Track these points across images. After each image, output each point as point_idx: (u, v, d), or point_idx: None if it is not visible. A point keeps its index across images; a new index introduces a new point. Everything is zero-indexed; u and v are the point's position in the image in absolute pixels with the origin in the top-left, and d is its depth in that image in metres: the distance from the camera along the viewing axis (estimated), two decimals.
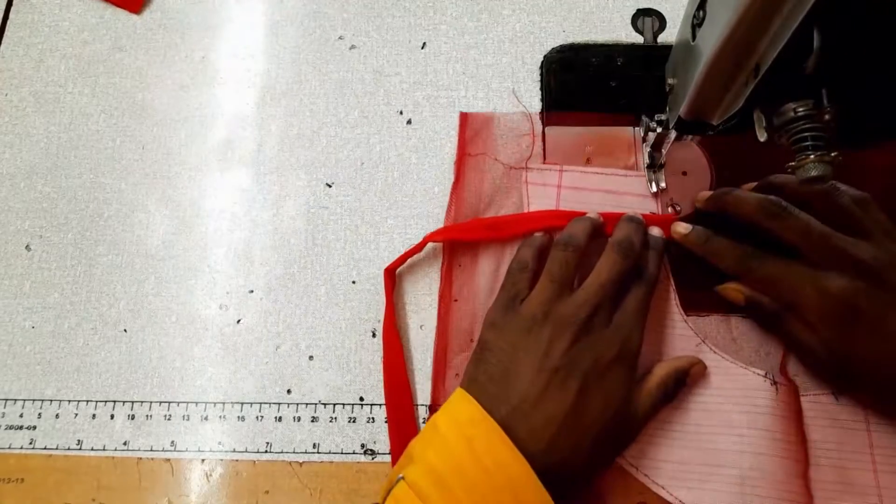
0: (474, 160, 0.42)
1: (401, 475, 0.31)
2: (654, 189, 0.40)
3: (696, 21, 0.28)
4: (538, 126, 0.43)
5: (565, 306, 0.34)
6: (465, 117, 0.43)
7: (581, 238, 0.37)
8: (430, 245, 0.40)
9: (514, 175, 0.42)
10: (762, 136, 0.28)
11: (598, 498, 0.36)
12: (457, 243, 0.41)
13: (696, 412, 0.36)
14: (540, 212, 0.40)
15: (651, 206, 0.40)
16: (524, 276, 0.37)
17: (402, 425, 0.37)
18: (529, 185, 0.41)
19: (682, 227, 0.39)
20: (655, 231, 0.39)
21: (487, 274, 0.40)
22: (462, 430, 0.31)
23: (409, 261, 0.40)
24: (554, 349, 0.33)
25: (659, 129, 0.36)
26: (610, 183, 0.41)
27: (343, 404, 0.38)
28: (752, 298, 0.37)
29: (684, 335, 0.38)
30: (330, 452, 0.38)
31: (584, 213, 0.39)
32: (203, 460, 0.37)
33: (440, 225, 0.41)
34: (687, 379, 0.36)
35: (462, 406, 0.33)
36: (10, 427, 0.39)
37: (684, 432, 0.36)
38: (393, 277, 0.40)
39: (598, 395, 0.33)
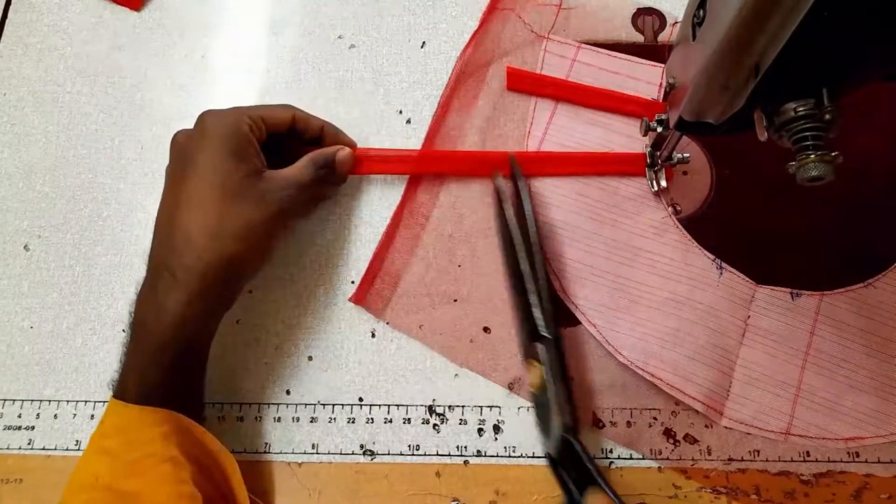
0: (502, 14, 0.45)
1: None
2: (655, 188, 0.40)
3: (697, 20, 0.28)
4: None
5: None
6: None
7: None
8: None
9: (534, 40, 0.44)
10: (763, 136, 0.28)
11: None
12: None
13: (644, 273, 0.39)
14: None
15: (653, 95, 0.42)
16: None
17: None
18: (547, 53, 0.44)
19: None
20: None
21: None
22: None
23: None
24: None
25: (659, 129, 0.36)
26: (623, 66, 0.43)
27: (342, 405, 0.38)
28: None
29: (653, 206, 0.41)
30: (329, 453, 0.37)
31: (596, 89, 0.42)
32: None
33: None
34: (335, 165, 0.38)
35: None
36: (9, 427, 0.39)
37: (628, 286, 0.39)
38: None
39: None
